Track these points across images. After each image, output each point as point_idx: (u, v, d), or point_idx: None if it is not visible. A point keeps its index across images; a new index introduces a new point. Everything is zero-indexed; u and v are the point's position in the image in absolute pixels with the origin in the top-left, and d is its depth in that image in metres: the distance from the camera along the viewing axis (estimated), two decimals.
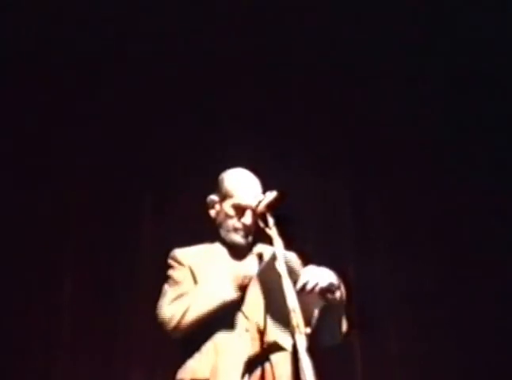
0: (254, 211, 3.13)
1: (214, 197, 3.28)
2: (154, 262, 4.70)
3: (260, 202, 3.09)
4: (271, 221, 3.03)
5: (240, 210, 3.19)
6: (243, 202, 3.18)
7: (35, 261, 4.82)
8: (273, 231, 2.99)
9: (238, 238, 3.20)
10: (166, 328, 3.05)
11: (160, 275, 3.66)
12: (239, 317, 3.04)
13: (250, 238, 3.21)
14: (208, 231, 3.30)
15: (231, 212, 3.21)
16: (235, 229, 3.20)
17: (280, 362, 3.01)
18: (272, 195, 3.09)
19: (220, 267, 3.13)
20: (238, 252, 3.22)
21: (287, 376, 2.99)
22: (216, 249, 3.26)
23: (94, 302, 4.77)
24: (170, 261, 3.25)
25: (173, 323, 3.02)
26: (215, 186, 3.28)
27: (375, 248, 5.12)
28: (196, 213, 4.67)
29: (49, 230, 4.88)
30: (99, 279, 4.83)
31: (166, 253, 3.27)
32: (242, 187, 3.22)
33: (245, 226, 3.17)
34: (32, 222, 4.88)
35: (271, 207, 3.07)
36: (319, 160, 5.15)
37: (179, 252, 3.25)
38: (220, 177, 3.30)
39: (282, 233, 2.98)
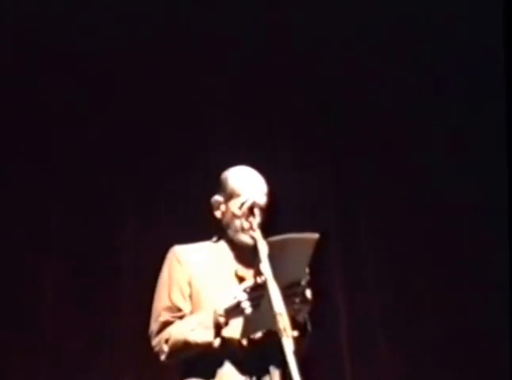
0: (261, 209, 3.11)
1: (218, 198, 3.22)
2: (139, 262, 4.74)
3: (243, 204, 3.07)
4: (255, 223, 3.02)
5: (247, 209, 3.13)
6: (250, 200, 3.13)
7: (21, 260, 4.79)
8: (257, 233, 2.97)
9: (246, 238, 3.14)
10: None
11: (145, 277, 3.65)
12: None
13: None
14: (200, 232, 3.28)
15: (238, 212, 3.15)
16: (243, 229, 3.15)
17: None
18: (255, 197, 3.10)
19: (220, 270, 3.12)
20: (243, 253, 3.16)
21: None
22: (220, 250, 3.23)
23: (78, 305, 4.74)
24: (168, 256, 3.22)
25: (158, 351, 3.10)
26: (218, 186, 3.24)
27: (362, 246, 5.09)
28: (183, 213, 4.79)
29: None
30: (83, 281, 4.79)
31: (151, 252, 3.24)
32: (248, 185, 3.18)
33: (251, 225, 3.10)
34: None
35: (257, 209, 3.08)
36: (305, 157, 5.11)
37: (178, 249, 3.22)
38: (223, 176, 3.24)
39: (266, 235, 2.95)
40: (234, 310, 2.96)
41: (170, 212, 4.86)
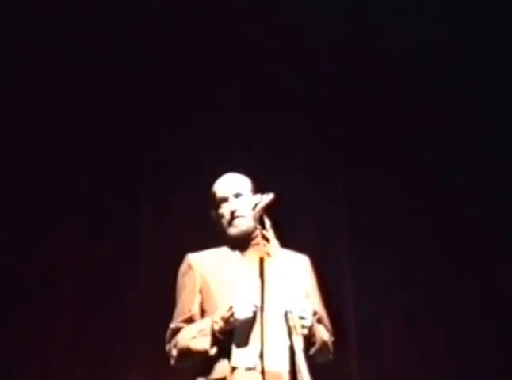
0: (237, 195, 3.25)
1: (212, 212, 3.36)
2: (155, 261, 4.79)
3: (257, 204, 3.12)
4: (268, 223, 3.07)
5: (224, 202, 3.28)
6: (222, 193, 3.29)
7: (34, 259, 4.84)
8: (269, 233, 3.03)
9: (233, 230, 3.26)
10: None
11: (161, 275, 3.70)
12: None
13: (245, 227, 3.23)
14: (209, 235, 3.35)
15: (221, 210, 3.30)
16: (229, 223, 3.27)
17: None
18: (268, 197, 3.13)
19: (230, 273, 3.18)
20: (243, 248, 3.24)
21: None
22: (225, 253, 3.30)
23: (94, 303, 4.80)
24: (182, 265, 3.31)
25: (169, 356, 3.20)
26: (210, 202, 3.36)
27: (372, 250, 5.13)
28: (194, 216, 4.83)
29: (47, 225, 4.90)
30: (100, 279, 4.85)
31: (167, 253, 3.29)
32: (221, 183, 3.35)
33: (232, 213, 3.24)
34: (29, 222, 4.90)
35: (267, 209, 3.11)
36: (314, 162, 5.16)
37: (191, 257, 3.31)
38: (211, 192, 3.39)
39: (279, 235, 3.02)
40: (230, 318, 3.03)
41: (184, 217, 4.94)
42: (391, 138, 5.25)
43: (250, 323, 3.00)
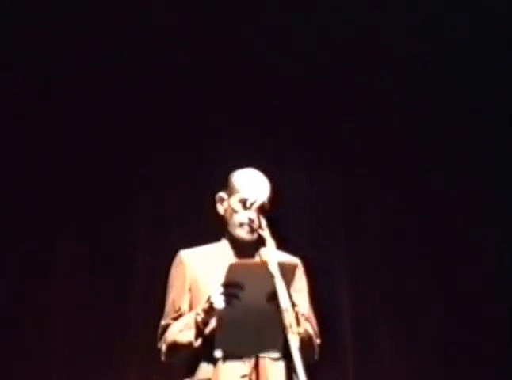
0: (261, 208, 3.15)
1: (223, 194, 3.30)
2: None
3: (252, 204, 3.13)
4: (264, 222, 3.07)
5: (245, 204, 3.20)
6: (248, 196, 3.20)
7: (32, 261, 4.86)
8: (265, 232, 3.03)
9: (243, 233, 3.21)
10: None
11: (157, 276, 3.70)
12: None
13: (256, 235, 3.17)
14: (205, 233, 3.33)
15: (237, 207, 3.23)
16: (241, 225, 3.21)
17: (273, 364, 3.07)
18: (264, 196, 3.16)
19: (221, 272, 3.08)
20: (244, 250, 3.22)
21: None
22: (222, 248, 3.28)
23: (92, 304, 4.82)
24: (174, 261, 3.30)
25: (160, 353, 3.19)
26: (225, 184, 3.30)
27: (369, 247, 5.15)
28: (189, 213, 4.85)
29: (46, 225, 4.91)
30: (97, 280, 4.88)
31: (163, 251, 3.28)
32: (249, 182, 3.25)
33: (250, 221, 3.17)
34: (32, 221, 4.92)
35: (263, 208, 3.13)
36: (312, 160, 5.17)
37: (183, 253, 3.29)
38: (230, 175, 3.32)
39: (275, 235, 3.01)
40: (209, 307, 3.01)
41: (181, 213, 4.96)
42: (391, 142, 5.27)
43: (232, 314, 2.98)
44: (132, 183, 5.03)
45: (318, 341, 3.25)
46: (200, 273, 3.22)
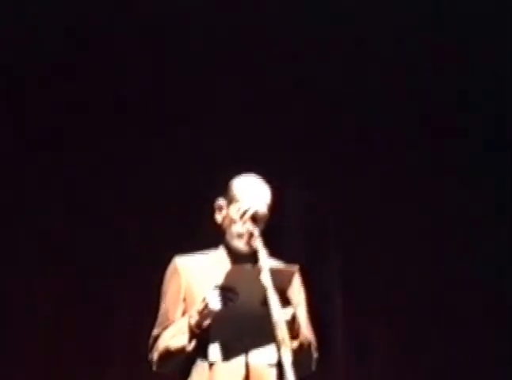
0: (261, 219, 3.11)
1: (222, 201, 3.21)
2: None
3: (244, 213, 3.08)
4: (256, 232, 3.02)
5: (247, 216, 3.11)
6: (252, 208, 3.12)
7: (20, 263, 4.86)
8: (258, 242, 2.98)
9: (240, 245, 3.12)
10: None
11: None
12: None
13: (252, 248, 3.09)
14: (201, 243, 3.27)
15: (236, 217, 3.14)
16: (239, 235, 3.13)
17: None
18: (262, 207, 3.10)
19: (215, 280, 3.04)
20: (241, 260, 3.13)
21: None
22: (219, 256, 3.20)
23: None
24: (168, 268, 3.21)
25: (151, 363, 3.11)
26: (224, 191, 3.22)
27: (361, 256, 5.12)
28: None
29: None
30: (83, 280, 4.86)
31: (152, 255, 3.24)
32: (249, 192, 3.16)
33: (249, 233, 3.09)
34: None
35: (264, 218, 3.10)
36: (304, 171, 5.13)
37: (178, 260, 3.20)
38: (230, 182, 3.23)
39: (268, 244, 2.97)
40: (204, 308, 2.94)
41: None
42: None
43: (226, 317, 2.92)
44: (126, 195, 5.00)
45: (315, 355, 3.16)
46: (196, 282, 3.13)
